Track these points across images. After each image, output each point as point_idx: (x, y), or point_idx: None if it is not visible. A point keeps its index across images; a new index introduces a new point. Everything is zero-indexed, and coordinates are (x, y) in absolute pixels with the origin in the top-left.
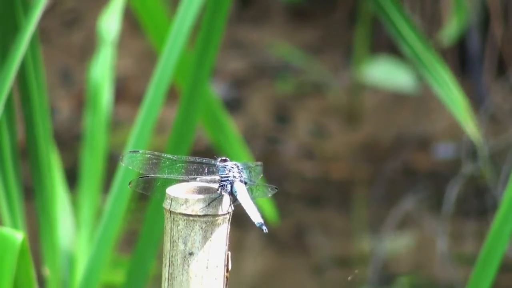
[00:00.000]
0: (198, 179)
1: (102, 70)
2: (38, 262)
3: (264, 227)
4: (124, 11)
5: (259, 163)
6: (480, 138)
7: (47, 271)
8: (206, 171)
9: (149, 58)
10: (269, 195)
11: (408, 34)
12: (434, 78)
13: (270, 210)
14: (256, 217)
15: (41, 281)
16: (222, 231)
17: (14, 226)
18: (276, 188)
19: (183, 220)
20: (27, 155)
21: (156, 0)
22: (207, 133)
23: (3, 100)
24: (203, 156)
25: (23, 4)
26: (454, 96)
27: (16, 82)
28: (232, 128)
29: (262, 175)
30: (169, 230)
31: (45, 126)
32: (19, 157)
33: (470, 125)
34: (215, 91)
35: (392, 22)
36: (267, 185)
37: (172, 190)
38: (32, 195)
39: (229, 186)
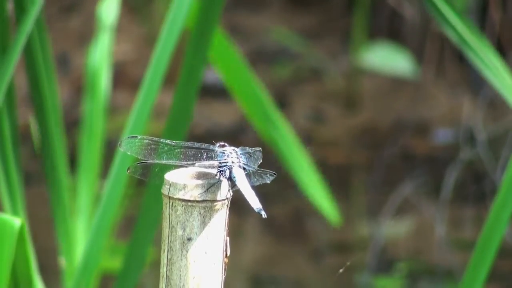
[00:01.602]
0: (196, 164)
1: (100, 55)
2: (38, 248)
3: (263, 213)
4: None
5: (257, 148)
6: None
7: (63, 261)
8: (204, 157)
9: (147, 43)
10: (268, 181)
11: (454, 20)
12: (483, 63)
13: (331, 210)
14: (254, 203)
15: (42, 267)
16: (221, 217)
17: (14, 212)
18: (274, 173)
19: (181, 205)
20: (28, 139)
21: None
22: (259, 130)
23: (4, 87)
24: (202, 142)
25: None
26: (505, 81)
27: (23, 66)
28: (283, 122)
29: (261, 161)
30: (168, 216)
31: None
32: (19, 143)
33: None
34: (213, 76)
35: (437, 8)
36: (266, 170)
37: (170, 176)
38: (32, 180)
39: (227, 171)
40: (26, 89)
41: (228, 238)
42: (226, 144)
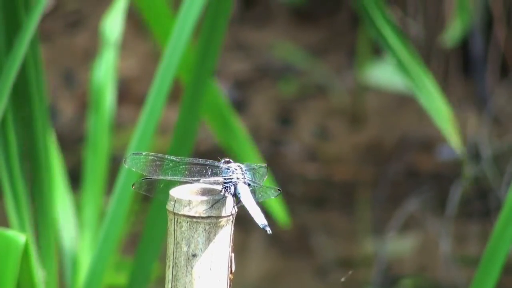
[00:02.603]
0: (201, 180)
1: (105, 71)
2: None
3: (267, 229)
4: (127, 12)
5: (263, 164)
6: (462, 148)
7: (44, 274)
8: (209, 173)
9: (152, 59)
10: (273, 197)
11: (393, 41)
12: (417, 86)
13: (281, 212)
14: (259, 219)
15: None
16: (226, 233)
17: (22, 227)
18: (279, 189)
19: (186, 221)
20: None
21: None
22: (215, 134)
23: (4, 98)
24: (207, 158)
25: (25, 5)
26: (438, 106)
27: (15, 82)
28: (240, 127)
29: (266, 177)
30: (173, 232)
31: (45, 127)
32: (25, 157)
33: (452, 135)
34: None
35: (376, 27)
36: (270, 186)
37: (175, 192)
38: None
39: (232, 187)
40: None
41: (233, 254)
42: (231, 160)
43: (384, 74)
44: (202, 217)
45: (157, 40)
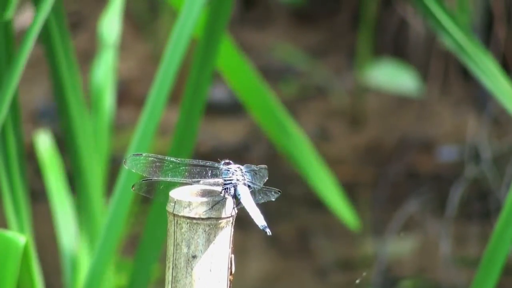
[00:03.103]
0: (201, 182)
1: (104, 73)
2: (43, 266)
3: (267, 230)
4: (126, 14)
5: (263, 166)
6: None
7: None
8: (209, 174)
9: (152, 61)
10: (273, 199)
11: (450, 26)
12: (480, 70)
13: (349, 214)
14: (259, 220)
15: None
16: (226, 234)
17: (20, 229)
18: (279, 191)
19: (186, 223)
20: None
21: None
22: (274, 141)
23: (7, 102)
24: (207, 159)
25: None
26: (503, 87)
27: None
28: (297, 131)
29: (267, 178)
30: (173, 233)
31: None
32: (25, 159)
33: None
34: (218, 94)
35: (433, 14)
36: (270, 188)
37: (175, 193)
38: (38, 198)
39: (232, 189)
40: (31, 105)
41: (233, 256)
42: (231, 161)
43: (384, 75)
44: (202, 219)
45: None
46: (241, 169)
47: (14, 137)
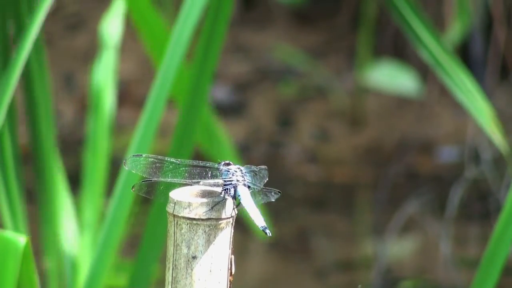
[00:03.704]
0: (201, 182)
1: (105, 74)
2: (42, 266)
3: (267, 231)
4: (126, 15)
5: (263, 167)
6: (507, 147)
7: (48, 264)
8: (209, 175)
9: (152, 62)
10: (273, 200)
11: (428, 41)
12: (457, 86)
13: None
14: (259, 221)
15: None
16: (226, 235)
17: (16, 229)
18: (279, 192)
19: (186, 223)
20: (30, 158)
21: (153, 11)
22: (200, 142)
23: (5, 105)
24: (207, 160)
25: (28, 5)
26: (479, 104)
27: (21, 84)
28: (224, 136)
29: (267, 179)
30: (173, 234)
31: (50, 130)
32: (21, 161)
33: (496, 134)
34: (218, 95)
35: (411, 28)
36: (270, 189)
37: (175, 194)
38: (35, 198)
39: (232, 190)
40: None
41: (233, 256)
42: (231, 162)
43: (383, 76)
44: (202, 219)
45: (150, 50)
46: (241, 170)
47: (9, 139)
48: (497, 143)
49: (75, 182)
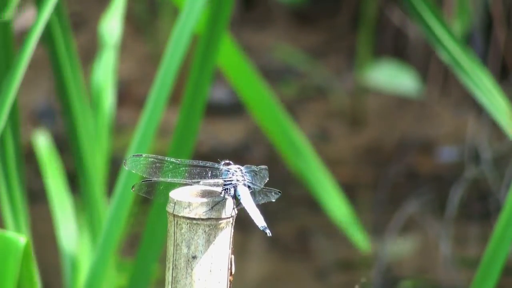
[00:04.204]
0: (201, 182)
1: (105, 73)
2: (43, 266)
3: (267, 231)
4: (126, 15)
5: (263, 167)
6: None
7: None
8: (209, 175)
9: (152, 61)
10: (273, 200)
11: (446, 40)
12: (475, 84)
13: (361, 238)
14: (259, 221)
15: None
16: (226, 235)
17: (17, 230)
18: (279, 192)
19: (186, 223)
20: (31, 158)
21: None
22: (275, 143)
23: (8, 105)
24: (207, 160)
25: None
26: (497, 102)
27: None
28: (298, 133)
29: (267, 179)
30: (173, 234)
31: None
32: (23, 161)
33: None
34: (218, 94)
35: (430, 27)
36: (270, 189)
37: (175, 194)
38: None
39: (232, 189)
40: (30, 105)
41: (233, 256)
42: (231, 162)
43: (384, 76)
44: (202, 219)
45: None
46: (241, 170)
47: (12, 139)
48: None
49: (75, 182)
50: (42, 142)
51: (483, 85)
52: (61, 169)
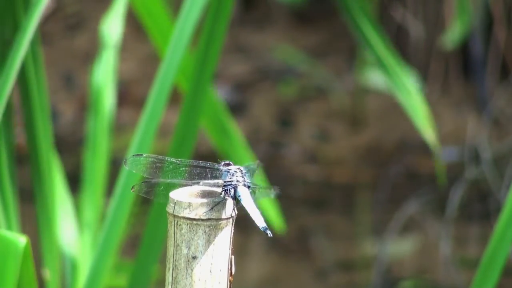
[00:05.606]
0: (201, 183)
1: (105, 73)
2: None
3: (268, 231)
4: (126, 15)
5: (256, 162)
6: (439, 147)
7: (47, 274)
8: (209, 175)
9: (152, 61)
10: (272, 196)
11: (373, 38)
12: (395, 83)
13: (276, 216)
14: (260, 221)
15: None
16: (226, 235)
17: (9, 229)
18: (278, 188)
19: (186, 224)
20: (27, 159)
21: (159, 4)
22: (211, 137)
23: (2, 105)
24: (206, 160)
25: (24, 4)
26: (415, 103)
27: (17, 85)
28: (236, 131)
29: (257, 172)
30: (173, 234)
31: (46, 129)
32: (16, 161)
33: (429, 133)
34: (218, 95)
35: (358, 25)
36: (270, 187)
37: (175, 194)
38: (31, 198)
39: (232, 190)
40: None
41: (233, 257)
42: (231, 162)
43: (384, 76)
44: (202, 219)
45: (156, 44)
46: (241, 170)
47: (4, 139)
48: (429, 141)
49: (75, 182)
50: None
51: (403, 87)
52: (61, 169)
